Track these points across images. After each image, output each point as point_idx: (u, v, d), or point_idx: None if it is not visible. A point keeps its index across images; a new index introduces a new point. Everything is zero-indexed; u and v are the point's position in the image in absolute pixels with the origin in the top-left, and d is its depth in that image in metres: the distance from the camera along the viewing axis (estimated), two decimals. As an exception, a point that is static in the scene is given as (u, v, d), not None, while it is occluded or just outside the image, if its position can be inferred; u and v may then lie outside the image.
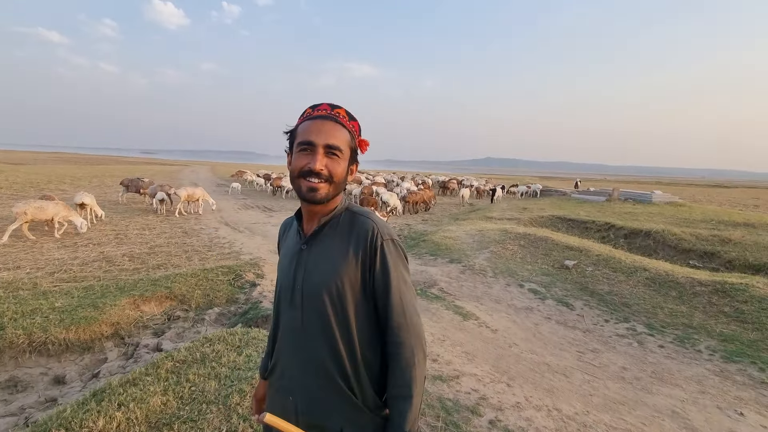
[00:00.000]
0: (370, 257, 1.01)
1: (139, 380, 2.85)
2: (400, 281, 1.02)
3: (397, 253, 1.04)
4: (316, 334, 1.02)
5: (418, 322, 1.04)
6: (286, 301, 1.08)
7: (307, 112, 1.04)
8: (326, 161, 0.99)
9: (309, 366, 1.03)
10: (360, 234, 1.02)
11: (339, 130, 1.01)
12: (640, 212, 15.32)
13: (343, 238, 1.03)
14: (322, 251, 1.03)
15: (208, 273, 6.26)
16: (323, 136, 0.99)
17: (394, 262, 1.02)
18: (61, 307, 4.66)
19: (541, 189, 25.33)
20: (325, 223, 1.06)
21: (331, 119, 1.01)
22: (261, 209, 14.97)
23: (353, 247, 1.02)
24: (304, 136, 1.00)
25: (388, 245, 1.02)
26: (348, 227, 1.04)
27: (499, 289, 6.32)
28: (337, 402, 1.02)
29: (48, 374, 3.86)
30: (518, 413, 2.81)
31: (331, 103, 1.05)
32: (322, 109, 1.03)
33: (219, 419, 2.46)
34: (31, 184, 17.65)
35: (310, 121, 1.01)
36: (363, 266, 1.01)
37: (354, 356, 1.02)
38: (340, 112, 1.03)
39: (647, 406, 3.30)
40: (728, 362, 4.20)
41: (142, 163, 54.01)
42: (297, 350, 1.05)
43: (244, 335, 3.76)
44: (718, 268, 8.53)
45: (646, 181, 69.81)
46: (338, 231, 1.05)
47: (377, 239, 1.01)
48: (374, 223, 1.03)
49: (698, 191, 37.76)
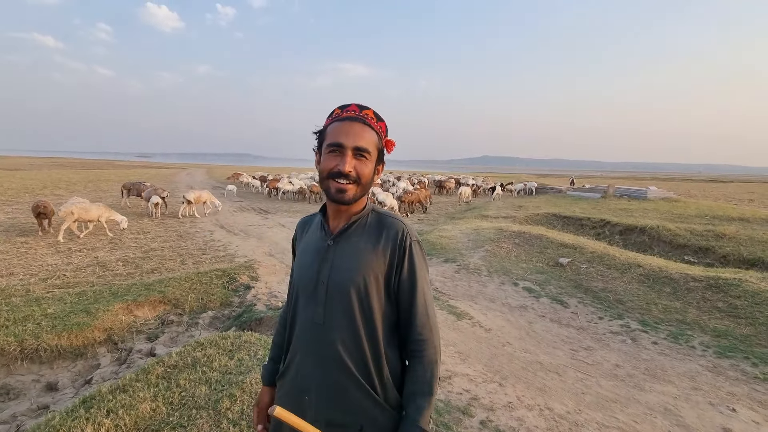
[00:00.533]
0: (399, 256, 1.04)
1: (129, 386, 2.83)
2: (424, 282, 1.07)
3: (423, 255, 1.09)
4: (339, 330, 1.02)
5: (437, 322, 1.09)
6: (306, 297, 1.08)
7: (335, 113, 1.05)
8: (355, 163, 1.01)
9: (329, 362, 1.02)
10: (390, 233, 1.05)
11: (367, 131, 1.03)
12: (635, 208, 15.37)
13: (372, 236, 1.06)
14: (351, 248, 1.05)
15: (202, 276, 6.25)
16: (352, 138, 1.00)
17: (420, 263, 1.06)
18: (54, 314, 4.64)
19: (536, 187, 25.39)
20: (354, 221, 1.08)
21: (359, 120, 1.03)
22: (257, 211, 14.94)
23: (382, 245, 1.04)
24: (334, 137, 1.01)
25: (415, 246, 1.06)
26: (376, 226, 1.07)
27: (494, 288, 6.33)
28: (358, 399, 1.01)
29: (40, 381, 3.84)
30: (510, 413, 2.81)
31: (359, 104, 1.06)
32: (351, 110, 1.04)
33: (209, 424, 2.45)
34: (26, 190, 17.57)
35: (339, 122, 1.03)
36: (390, 265, 1.04)
37: (377, 353, 1.03)
38: (368, 113, 1.05)
39: (640, 403, 3.31)
40: (721, 358, 4.21)
41: (139, 167, 53.85)
42: (317, 347, 1.04)
43: (237, 339, 3.75)
44: (712, 264, 8.56)
45: (643, 177, 70.07)
46: (366, 230, 1.07)
47: (407, 239, 1.05)
48: (403, 224, 1.08)
49: (694, 186, 37.94)
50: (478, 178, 32.44)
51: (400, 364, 1.08)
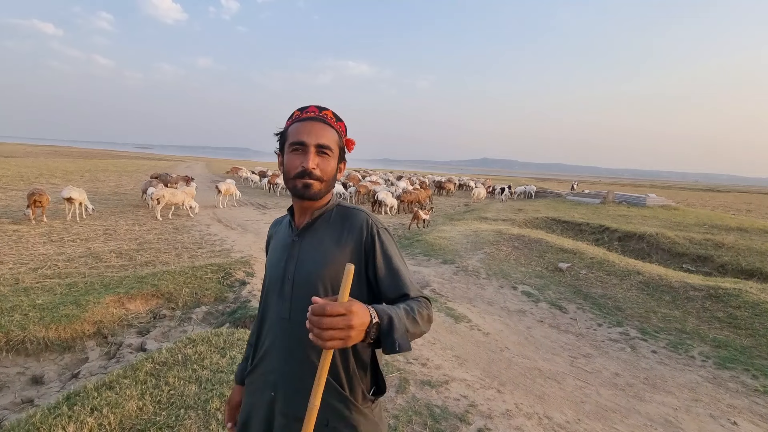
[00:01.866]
0: (367, 245, 1.05)
1: (116, 383, 2.74)
2: (401, 263, 1.07)
3: (392, 240, 1.11)
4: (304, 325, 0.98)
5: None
6: (274, 293, 1.09)
7: (295, 115, 1.08)
8: (318, 160, 1.03)
9: (295, 357, 1.03)
10: (354, 225, 1.07)
11: (328, 130, 1.06)
12: (634, 215, 15.34)
13: (337, 229, 1.07)
14: (315, 242, 1.07)
15: (197, 271, 6.14)
16: (314, 137, 1.03)
17: (391, 247, 1.08)
18: (42, 305, 4.53)
19: (535, 190, 25.36)
20: (318, 216, 1.10)
21: (319, 120, 1.06)
22: (255, 206, 14.82)
23: (347, 237, 1.05)
24: (296, 136, 1.04)
25: (383, 232, 1.08)
26: (340, 219, 1.09)
27: (492, 291, 6.26)
28: (324, 395, 0.97)
29: (25, 374, 3.72)
30: (508, 421, 2.73)
31: (318, 105, 1.09)
32: (311, 111, 1.07)
33: (197, 425, 2.36)
34: (21, 178, 17.38)
35: (300, 122, 1.05)
36: (358, 255, 1.04)
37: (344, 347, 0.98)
38: (327, 113, 1.08)
39: (640, 414, 3.24)
40: (721, 369, 4.15)
41: (138, 158, 53.52)
42: (284, 342, 1.04)
43: (229, 336, 3.66)
44: (711, 273, 8.53)
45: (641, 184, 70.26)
46: (331, 223, 1.09)
47: (373, 227, 1.07)
48: (367, 215, 1.10)
49: (691, 195, 38.03)
50: (478, 180, 32.42)
51: (369, 356, 1.06)
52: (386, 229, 1.10)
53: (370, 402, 1.05)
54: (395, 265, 1.04)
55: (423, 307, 0.97)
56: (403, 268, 1.06)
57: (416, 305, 0.96)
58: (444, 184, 25.45)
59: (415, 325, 0.92)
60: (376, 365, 1.07)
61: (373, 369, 1.08)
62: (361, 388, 1.04)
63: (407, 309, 0.94)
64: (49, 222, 9.22)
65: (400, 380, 3.10)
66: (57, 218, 9.64)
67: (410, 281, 1.04)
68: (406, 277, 1.04)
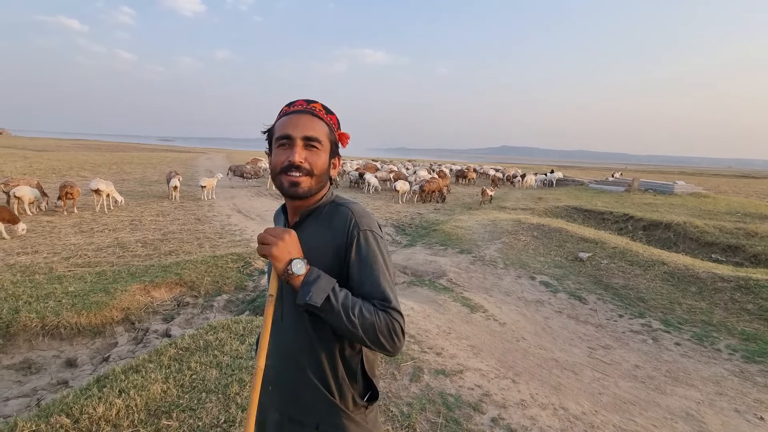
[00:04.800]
0: (345, 247, 0.99)
1: (142, 367, 2.87)
2: (379, 269, 0.97)
3: (377, 245, 1.00)
4: (293, 327, 1.03)
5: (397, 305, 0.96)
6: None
7: (283, 110, 1.04)
8: (306, 154, 0.98)
9: (285, 360, 1.04)
10: (338, 224, 1.01)
11: (316, 122, 1.01)
12: (660, 203, 14.81)
13: (323, 228, 1.03)
14: (302, 243, 1.00)
15: (218, 260, 6.31)
16: (300, 129, 0.98)
17: (369, 251, 0.98)
18: (75, 292, 4.76)
19: (557, 178, 24.77)
20: (306, 215, 1.05)
21: (307, 113, 1.01)
22: (274, 197, 15.04)
23: (331, 237, 1.01)
24: (282, 130, 0.99)
25: (365, 235, 0.99)
26: (328, 218, 1.04)
27: (510, 281, 6.19)
28: (312, 398, 1.02)
29: (60, 357, 3.95)
30: (522, 411, 2.72)
31: (306, 99, 1.05)
32: (298, 105, 1.03)
33: (218, 408, 2.46)
34: (53, 170, 18.14)
35: (287, 116, 1.01)
36: (338, 257, 1.00)
37: (332, 352, 1.01)
38: (316, 106, 1.03)
39: (660, 407, 3.17)
40: (749, 363, 4.01)
41: (161, 150, 54.93)
42: (276, 343, 1.04)
43: (248, 323, 3.77)
44: (742, 263, 8.17)
45: (669, 171, 67.51)
46: (319, 222, 1.04)
47: (354, 229, 0.99)
48: (353, 213, 1.01)
49: (724, 182, 36.32)
50: (497, 167, 31.90)
51: (359, 362, 1.04)
52: (370, 231, 1.00)
53: (363, 408, 1.04)
54: (366, 270, 0.96)
55: (375, 313, 0.90)
56: (377, 275, 0.96)
57: (366, 305, 0.91)
58: (466, 173, 25.57)
59: (349, 311, 0.88)
60: (365, 372, 1.05)
61: (363, 374, 1.05)
62: (351, 393, 1.02)
63: (353, 297, 0.91)
64: (79, 213, 9.63)
65: (414, 369, 3.13)
66: (87, 209, 10.05)
67: (381, 290, 0.94)
68: (377, 285, 0.95)
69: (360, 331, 0.88)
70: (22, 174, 15.17)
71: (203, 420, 2.34)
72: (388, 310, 0.92)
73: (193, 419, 2.35)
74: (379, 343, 0.90)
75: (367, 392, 1.06)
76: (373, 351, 1.06)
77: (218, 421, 2.35)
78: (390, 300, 0.93)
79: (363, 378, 1.05)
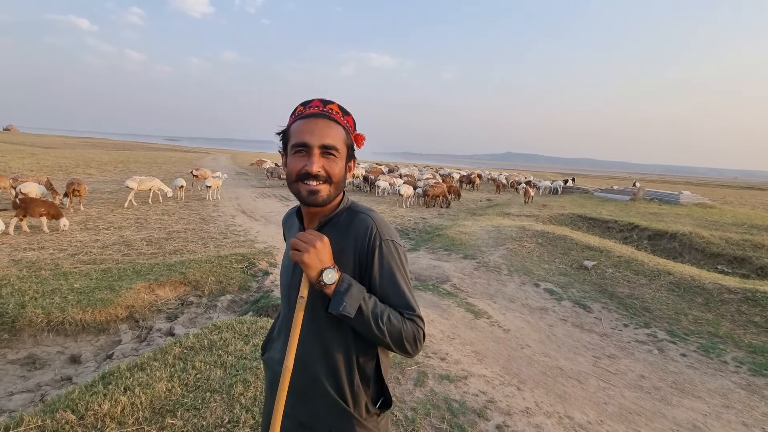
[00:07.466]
0: (367, 256, 0.98)
1: (147, 365, 2.87)
2: (400, 279, 0.99)
3: (398, 254, 1.01)
4: (308, 336, 1.01)
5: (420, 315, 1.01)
6: (284, 298, 1.09)
7: (298, 110, 1.00)
8: (323, 162, 0.95)
9: (299, 367, 1.00)
10: (359, 232, 1.00)
11: (333, 128, 0.97)
12: (666, 213, 14.73)
13: (342, 236, 1.01)
14: None
15: (222, 260, 6.33)
16: (317, 137, 0.94)
17: (392, 260, 0.99)
18: (80, 289, 4.78)
19: (562, 186, 24.73)
20: (324, 222, 1.03)
21: (324, 116, 0.97)
22: (278, 198, 15.08)
23: (350, 245, 1.00)
24: (298, 137, 0.96)
25: (387, 245, 1.00)
26: (347, 226, 1.02)
27: (514, 288, 6.17)
28: (324, 406, 1.01)
29: (64, 353, 3.96)
30: (527, 419, 2.70)
31: (322, 99, 1.00)
32: (314, 106, 0.98)
33: (222, 408, 2.46)
34: (60, 168, 18.30)
35: (303, 120, 0.97)
36: (360, 265, 0.99)
37: (348, 359, 1.00)
38: (332, 107, 0.99)
39: (666, 418, 3.14)
40: (757, 375, 3.96)
41: (167, 150, 55.28)
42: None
43: (253, 324, 3.76)
44: (748, 275, 8.10)
45: (674, 180, 67.19)
46: (338, 229, 1.02)
47: (375, 239, 0.99)
48: (374, 222, 1.01)
49: (730, 193, 36.10)
50: (501, 174, 31.91)
51: (374, 369, 1.04)
52: (392, 241, 1.01)
53: (375, 415, 1.03)
54: (391, 280, 0.98)
55: (402, 321, 0.94)
56: (402, 285, 0.99)
57: (393, 313, 0.95)
58: (473, 178, 26.20)
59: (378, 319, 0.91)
60: (380, 377, 1.05)
61: (377, 381, 1.05)
62: (365, 401, 1.02)
63: (381, 305, 0.94)
64: (85, 210, 9.69)
65: (418, 373, 3.12)
66: (92, 207, 10.11)
67: (406, 299, 0.98)
68: (401, 295, 0.98)
69: (387, 337, 0.93)
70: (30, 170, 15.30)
71: (207, 420, 2.34)
72: (414, 319, 0.96)
73: (197, 418, 2.35)
74: (403, 348, 0.95)
75: (379, 398, 1.06)
76: (388, 355, 1.08)
77: (222, 421, 2.35)
78: (414, 309, 0.98)
79: (375, 384, 1.05)
